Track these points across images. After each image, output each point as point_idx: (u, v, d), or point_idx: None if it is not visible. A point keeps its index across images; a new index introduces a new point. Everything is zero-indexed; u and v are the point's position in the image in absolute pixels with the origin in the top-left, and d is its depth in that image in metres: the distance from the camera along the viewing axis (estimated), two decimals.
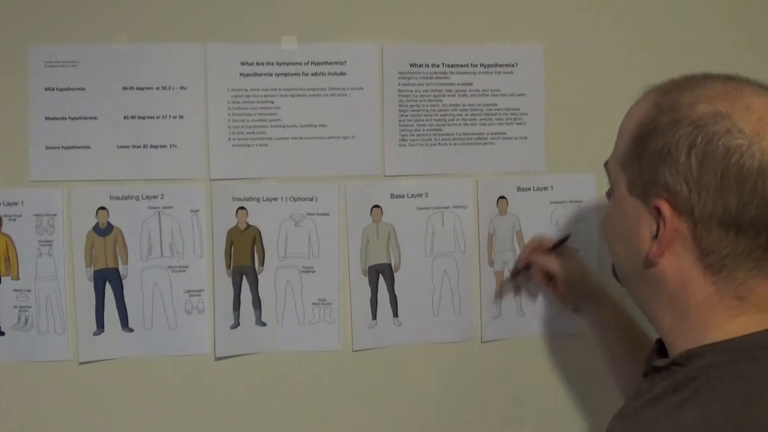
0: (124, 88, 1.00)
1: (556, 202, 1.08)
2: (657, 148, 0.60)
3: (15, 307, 1.00)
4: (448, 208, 1.06)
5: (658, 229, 0.61)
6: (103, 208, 1.00)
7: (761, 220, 0.58)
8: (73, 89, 0.99)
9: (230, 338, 1.02)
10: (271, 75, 1.02)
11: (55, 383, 1.00)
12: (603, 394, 1.09)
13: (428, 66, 1.04)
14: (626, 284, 0.70)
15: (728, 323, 0.61)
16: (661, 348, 0.70)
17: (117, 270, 1.01)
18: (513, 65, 1.06)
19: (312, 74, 1.02)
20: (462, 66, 1.05)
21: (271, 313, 1.03)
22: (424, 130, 1.05)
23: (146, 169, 1.00)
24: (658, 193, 0.60)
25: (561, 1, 1.06)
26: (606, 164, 0.71)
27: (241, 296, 1.03)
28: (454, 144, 1.05)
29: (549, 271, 0.99)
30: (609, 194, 0.73)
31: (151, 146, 1.00)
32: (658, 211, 0.60)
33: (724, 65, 1.09)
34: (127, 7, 0.99)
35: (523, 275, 1.05)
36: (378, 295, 1.05)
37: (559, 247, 1.00)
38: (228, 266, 1.02)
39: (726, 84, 0.61)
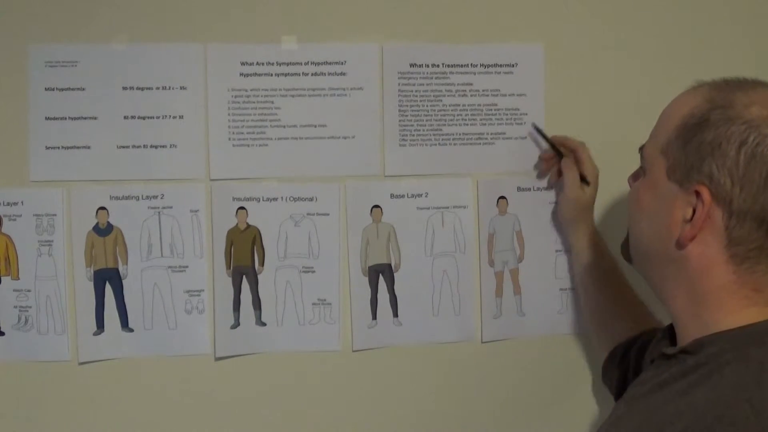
0: (124, 88, 1.00)
1: (556, 202, 1.08)
2: (707, 140, 0.64)
3: (15, 307, 1.00)
4: (448, 208, 1.06)
5: (693, 213, 0.64)
6: (103, 208, 1.00)
7: None
8: (73, 89, 0.99)
9: (230, 338, 1.02)
10: (271, 75, 1.02)
11: (55, 383, 1.00)
12: (603, 394, 1.09)
13: (428, 66, 1.04)
14: (643, 263, 0.73)
15: (741, 312, 0.64)
16: (666, 336, 0.74)
17: (117, 270, 1.01)
18: (513, 65, 1.06)
19: (312, 74, 1.02)
20: (462, 66, 1.05)
21: (271, 313, 1.03)
22: (424, 130, 1.05)
23: (146, 169, 1.00)
24: (700, 180, 0.64)
25: (561, 1, 1.06)
26: (641, 149, 0.74)
27: (241, 296, 1.03)
28: (454, 144, 1.05)
29: (579, 171, 1.00)
30: (635, 175, 0.76)
31: (151, 146, 1.00)
32: (698, 196, 0.64)
33: (723, 65, 1.09)
34: (127, 7, 0.99)
35: (554, 157, 1.04)
36: (378, 295, 1.05)
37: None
38: (228, 266, 1.02)
39: None
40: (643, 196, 0.71)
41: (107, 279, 1.01)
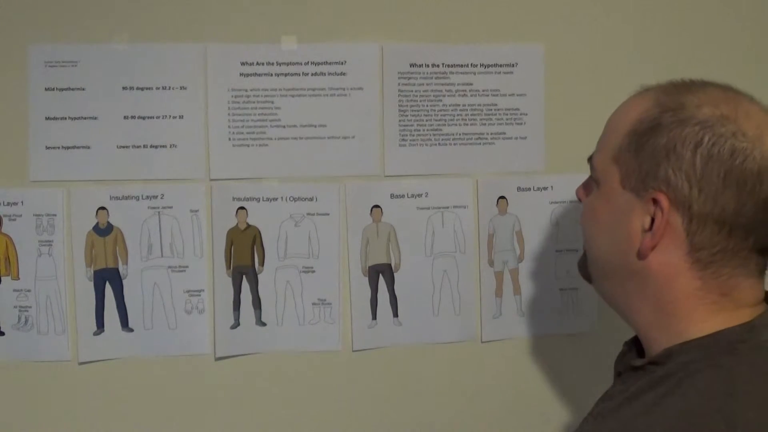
0: (124, 88, 1.00)
1: (556, 202, 1.08)
2: (661, 144, 0.61)
3: (15, 307, 1.00)
4: (448, 208, 1.06)
5: (652, 222, 0.62)
6: (103, 208, 1.00)
7: (753, 222, 0.60)
8: (73, 89, 0.99)
9: (230, 338, 1.02)
10: (271, 75, 1.02)
11: (55, 383, 1.00)
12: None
13: (428, 66, 1.04)
14: (603, 279, 0.70)
15: (710, 319, 0.62)
16: (632, 348, 0.72)
17: (117, 270, 1.01)
18: (513, 65, 1.06)
19: (312, 74, 1.02)
20: (462, 66, 1.05)
21: (271, 313, 1.03)
22: (424, 130, 1.05)
23: (146, 169, 1.00)
24: (656, 186, 0.61)
25: (561, 1, 1.06)
26: (590, 159, 0.71)
27: (241, 296, 1.03)
28: (454, 144, 1.05)
29: None
30: (586, 188, 0.73)
31: (151, 146, 1.00)
32: (655, 204, 0.61)
33: (723, 66, 1.10)
34: (127, 7, 0.99)
35: None
36: (378, 295, 1.05)
37: None
38: (228, 266, 1.02)
39: (725, 91, 0.63)
40: (598, 208, 0.68)
41: (107, 279, 1.01)
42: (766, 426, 0.55)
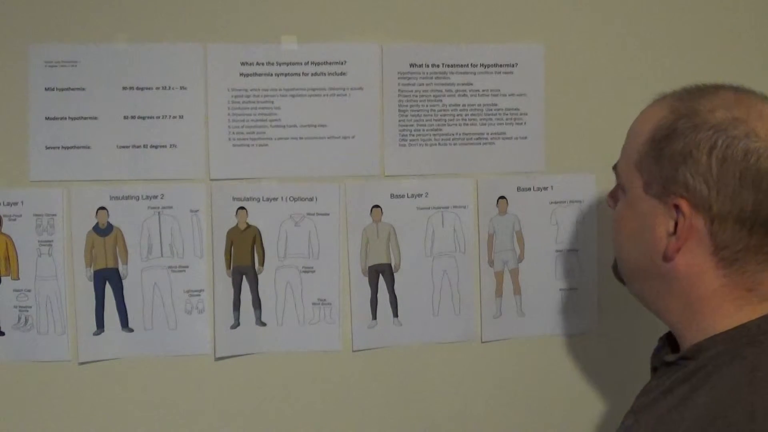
0: (124, 88, 1.00)
1: (556, 202, 1.08)
2: (677, 150, 0.64)
3: (15, 307, 1.00)
4: (448, 208, 1.06)
5: (675, 225, 0.65)
6: (103, 208, 1.00)
7: None
8: (73, 89, 0.99)
9: (230, 338, 1.02)
10: (271, 75, 1.02)
11: (55, 383, 1.00)
12: (603, 394, 1.09)
13: (428, 66, 1.04)
14: (634, 281, 0.74)
15: (736, 313, 0.64)
16: (667, 344, 0.75)
17: (117, 270, 1.01)
18: (513, 65, 1.06)
19: (312, 74, 1.02)
20: (462, 66, 1.05)
21: (271, 313, 1.03)
22: (424, 130, 1.05)
23: (146, 169, 1.00)
24: (677, 191, 0.64)
25: (561, 1, 1.06)
26: (615, 167, 0.74)
27: (241, 296, 1.03)
28: (454, 144, 1.05)
29: None
30: (614, 195, 0.76)
31: (151, 146, 1.00)
32: (677, 209, 0.64)
33: (723, 66, 1.10)
34: (127, 7, 0.99)
35: None
36: (378, 295, 1.05)
37: None
38: (228, 266, 1.02)
39: (738, 93, 0.66)
40: (624, 215, 0.71)
41: (107, 279, 1.01)
42: None
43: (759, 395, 0.58)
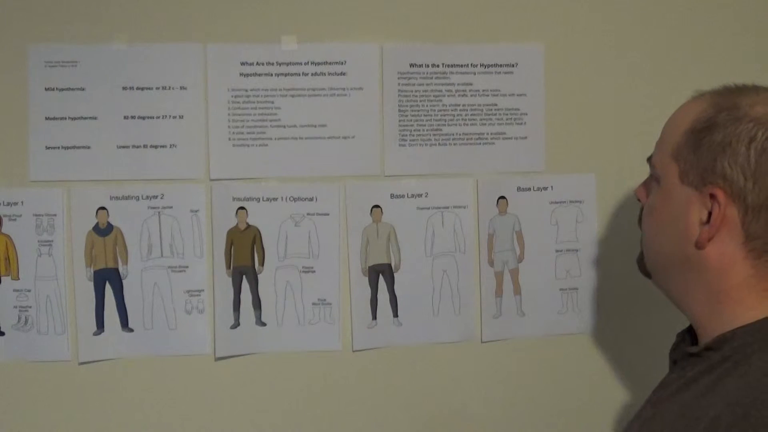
0: (124, 88, 1.00)
1: (556, 202, 1.08)
2: (717, 140, 0.66)
3: (15, 307, 1.00)
4: (448, 208, 1.06)
5: (709, 215, 0.66)
6: (103, 208, 1.00)
7: None
8: (73, 89, 0.99)
9: (230, 338, 1.02)
10: (271, 75, 1.02)
11: (55, 383, 1.00)
12: (603, 394, 1.09)
13: (428, 66, 1.04)
14: (661, 272, 0.75)
15: (759, 305, 0.66)
16: (686, 338, 0.75)
17: (117, 270, 1.01)
18: (513, 65, 1.06)
19: (312, 74, 1.02)
20: (462, 66, 1.05)
21: (271, 313, 1.03)
22: (424, 130, 1.04)
23: (146, 169, 1.00)
24: (713, 181, 0.66)
25: (561, 1, 1.06)
26: (649, 159, 0.76)
27: (241, 296, 1.03)
28: (454, 144, 1.05)
29: None
30: (646, 186, 0.77)
31: (151, 146, 1.00)
32: (713, 198, 0.66)
33: (723, 66, 1.10)
34: (127, 7, 0.99)
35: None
36: (378, 295, 1.05)
37: None
38: (228, 266, 1.02)
39: None
40: (658, 205, 0.73)
41: (107, 279, 1.01)
42: None
43: None
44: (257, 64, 1.01)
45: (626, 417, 1.05)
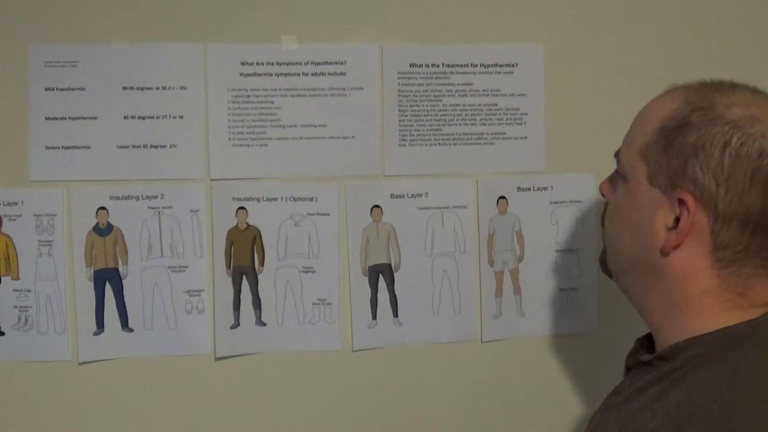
0: (124, 88, 1.00)
1: (556, 202, 1.08)
2: (689, 142, 0.62)
3: (15, 307, 1.00)
4: (448, 208, 1.06)
5: (677, 220, 0.63)
6: (103, 208, 1.00)
7: None
8: (73, 89, 0.99)
9: (230, 338, 1.02)
10: (271, 75, 1.02)
11: (55, 383, 1.00)
12: (603, 394, 1.09)
13: (428, 66, 1.04)
14: (622, 274, 0.72)
15: (720, 316, 0.63)
16: (644, 345, 0.73)
17: (117, 270, 1.01)
18: (513, 65, 1.06)
19: (312, 74, 1.02)
20: (462, 66, 1.05)
21: (271, 313, 1.03)
22: (424, 130, 1.05)
23: (146, 169, 1.00)
24: (683, 185, 0.62)
25: (561, 1, 1.06)
26: (617, 154, 0.72)
27: (241, 296, 1.03)
28: (454, 144, 1.05)
29: None
30: (612, 182, 0.73)
31: (151, 146, 1.00)
32: (681, 204, 0.62)
33: (723, 66, 1.10)
34: (127, 7, 0.99)
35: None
36: (378, 295, 1.05)
37: None
38: (228, 266, 1.02)
39: (755, 93, 0.64)
40: (623, 204, 0.69)
41: (107, 279, 1.01)
42: (765, 423, 0.55)
43: (740, 396, 0.56)
44: (257, 64, 1.01)
45: None
